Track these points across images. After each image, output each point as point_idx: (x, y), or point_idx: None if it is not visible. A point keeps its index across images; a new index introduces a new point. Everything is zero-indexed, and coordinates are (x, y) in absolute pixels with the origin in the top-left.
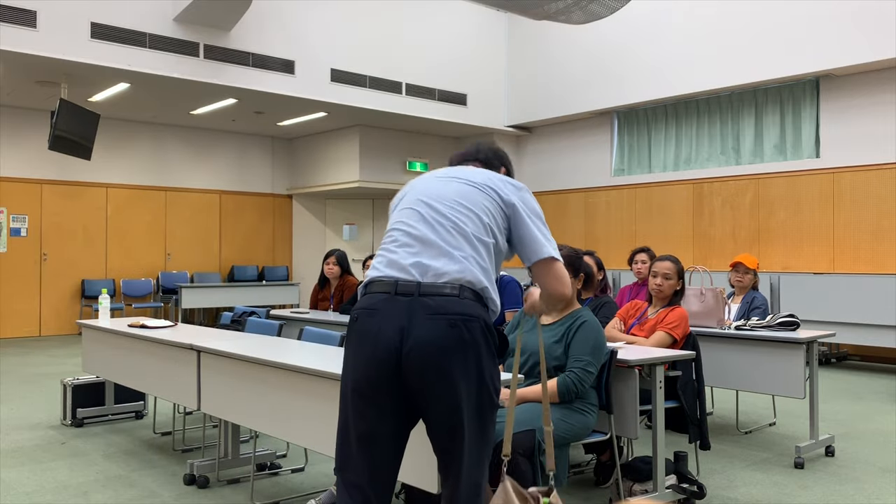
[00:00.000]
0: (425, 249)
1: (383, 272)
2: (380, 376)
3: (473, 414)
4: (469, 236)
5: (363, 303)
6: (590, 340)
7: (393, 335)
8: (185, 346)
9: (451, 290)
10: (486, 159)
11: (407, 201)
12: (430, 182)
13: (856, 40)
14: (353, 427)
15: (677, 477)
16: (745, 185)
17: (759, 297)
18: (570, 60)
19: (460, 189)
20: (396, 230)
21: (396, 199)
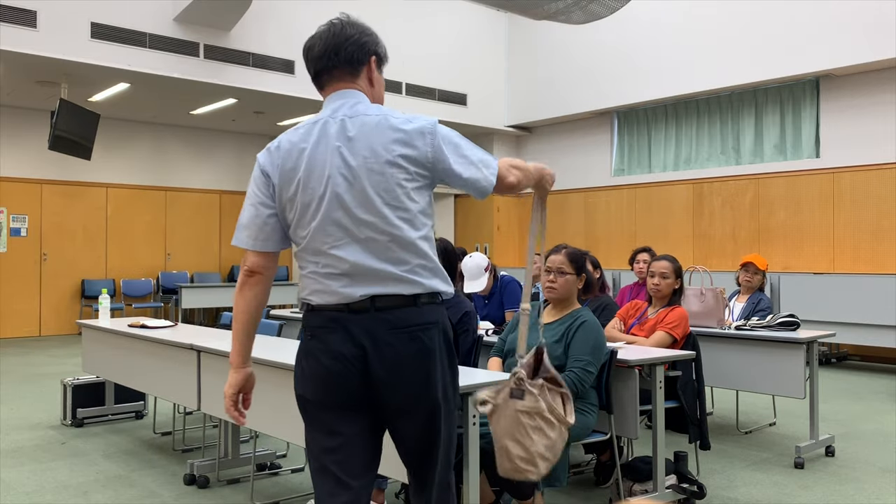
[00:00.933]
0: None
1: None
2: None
3: (444, 423)
4: (406, 242)
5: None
6: (590, 340)
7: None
8: (185, 346)
9: (406, 302)
10: (351, 58)
11: (313, 212)
12: (328, 182)
13: (856, 40)
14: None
15: (677, 477)
16: (745, 185)
17: (765, 299)
18: (570, 60)
19: (367, 181)
20: (321, 257)
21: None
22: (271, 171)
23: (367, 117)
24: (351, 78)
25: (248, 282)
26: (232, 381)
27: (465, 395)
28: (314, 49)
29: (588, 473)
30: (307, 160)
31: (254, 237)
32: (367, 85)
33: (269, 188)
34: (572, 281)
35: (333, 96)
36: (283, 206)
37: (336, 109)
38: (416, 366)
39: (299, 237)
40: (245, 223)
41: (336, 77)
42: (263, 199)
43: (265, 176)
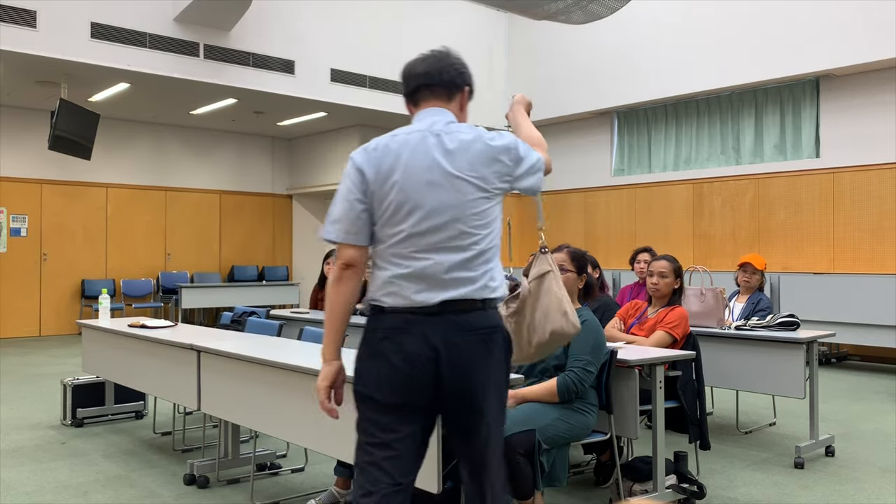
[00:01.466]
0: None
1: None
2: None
3: (500, 422)
4: (484, 251)
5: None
6: (590, 340)
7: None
8: (185, 346)
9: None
10: (451, 82)
11: (404, 214)
12: (425, 195)
13: (856, 40)
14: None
15: (677, 477)
16: (745, 185)
17: (765, 299)
18: (570, 60)
19: (460, 192)
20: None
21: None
22: (367, 170)
23: (462, 134)
24: (446, 99)
25: (345, 275)
26: (325, 374)
27: None
28: (417, 67)
29: (588, 473)
30: (405, 165)
31: (346, 230)
32: (458, 110)
33: (363, 185)
34: (573, 279)
35: (427, 112)
36: (375, 204)
37: (433, 123)
38: (484, 366)
39: (386, 235)
40: (338, 217)
41: (434, 95)
42: (358, 196)
43: (360, 173)
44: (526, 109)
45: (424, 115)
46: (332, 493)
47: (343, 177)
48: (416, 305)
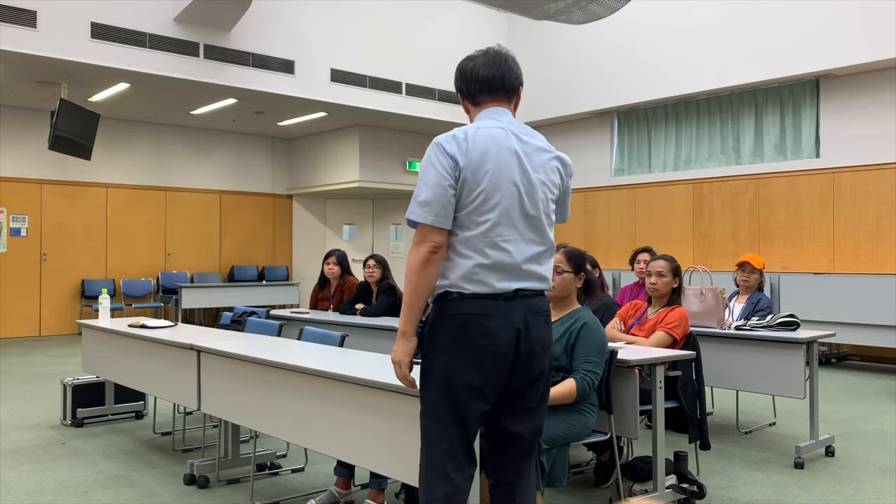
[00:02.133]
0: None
1: None
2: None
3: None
4: (551, 247)
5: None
6: (596, 341)
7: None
8: (185, 346)
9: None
10: (512, 85)
11: (494, 203)
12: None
13: (856, 40)
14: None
15: (677, 477)
16: (745, 185)
17: (764, 299)
18: (570, 60)
19: (538, 190)
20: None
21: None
22: (460, 158)
23: (535, 140)
24: (507, 100)
25: (433, 258)
26: (408, 349)
27: None
28: (480, 71)
29: (588, 473)
30: (494, 157)
31: (437, 214)
32: (514, 109)
33: (455, 171)
34: (570, 279)
35: (493, 111)
36: (464, 192)
37: (509, 123)
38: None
39: (474, 223)
40: (429, 200)
41: (497, 99)
42: (451, 181)
43: (453, 160)
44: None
45: (491, 114)
46: (332, 493)
47: (429, 162)
48: (497, 292)
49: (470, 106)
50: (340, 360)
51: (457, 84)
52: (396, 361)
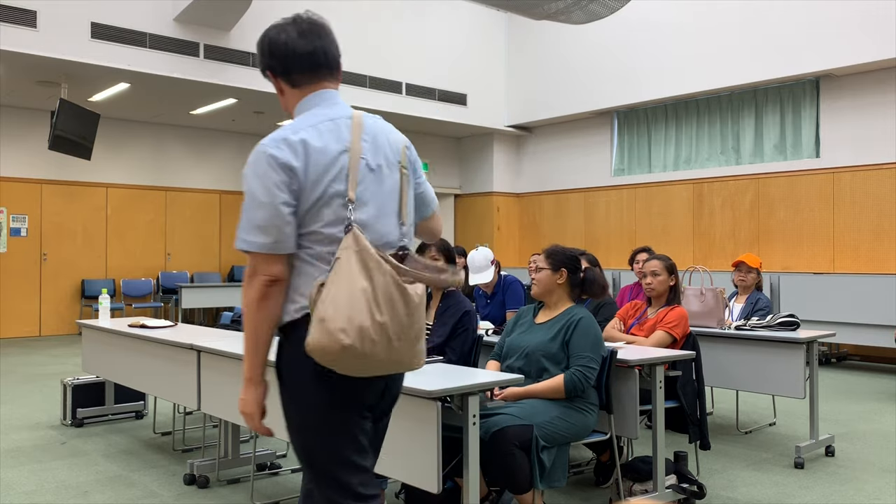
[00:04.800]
0: None
1: None
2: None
3: None
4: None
5: None
6: (590, 337)
7: None
8: (185, 346)
9: None
10: (336, 60)
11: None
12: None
13: (856, 40)
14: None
15: (677, 477)
16: (745, 185)
17: (763, 298)
18: (570, 60)
19: (389, 181)
20: None
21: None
22: (297, 166)
23: (370, 118)
24: (333, 79)
25: (271, 292)
26: (258, 398)
27: (465, 395)
28: (298, 45)
29: (588, 473)
30: (331, 155)
31: (275, 238)
32: (337, 87)
33: (292, 184)
34: (548, 275)
35: (324, 94)
36: (305, 202)
37: (342, 109)
38: None
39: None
40: (262, 225)
41: (321, 77)
42: (285, 198)
43: (288, 171)
44: None
45: (322, 99)
46: None
47: (255, 174)
48: None
49: (286, 87)
50: None
51: (265, 61)
52: (247, 414)
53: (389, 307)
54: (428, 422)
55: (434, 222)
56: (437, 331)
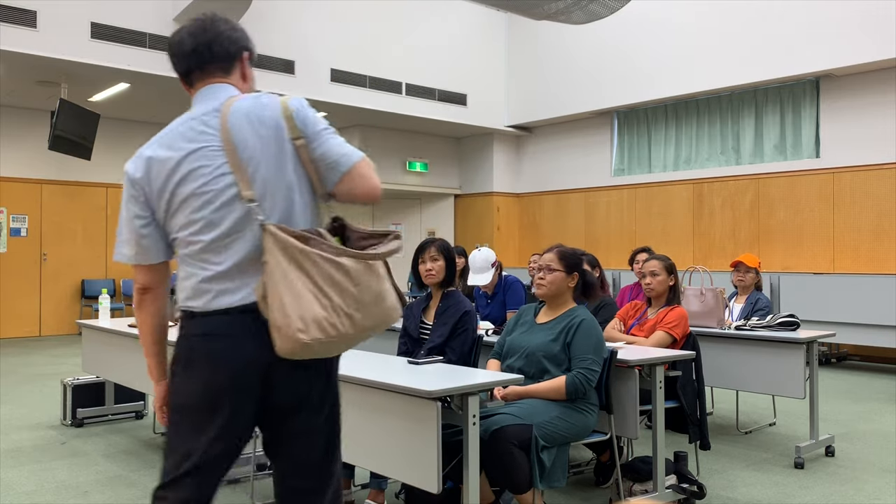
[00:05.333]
0: None
1: None
2: None
3: None
4: None
5: None
6: (592, 339)
7: None
8: None
9: None
10: (225, 53)
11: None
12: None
13: (856, 40)
14: None
15: (677, 477)
16: (745, 185)
17: (763, 298)
18: (570, 60)
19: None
20: None
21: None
22: (139, 178)
23: (245, 100)
24: (223, 74)
25: (143, 299)
26: (161, 394)
27: (465, 395)
28: (184, 44)
29: (588, 473)
30: (175, 160)
31: (135, 251)
32: (241, 81)
33: (139, 197)
34: (561, 278)
35: (206, 91)
36: (159, 211)
37: (214, 102)
38: None
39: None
40: (124, 238)
41: (209, 73)
42: (136, 211)
43: (135, 184)
44: None
45: (205, 96)
46: None
47: (125, 194)
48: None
49: (187, 88)
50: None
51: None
52: (156, 408)
53: (333, 288)
54: (428, 422)
55: (349, 184)
56: (437, 331)
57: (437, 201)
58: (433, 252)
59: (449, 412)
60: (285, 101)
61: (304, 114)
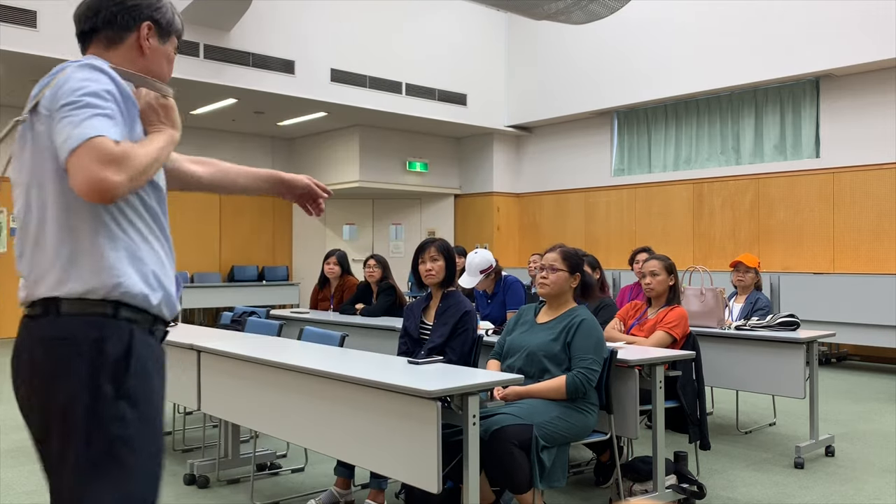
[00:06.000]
0: None
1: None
2: None
3: None
4: None
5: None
6: (592, 338)
7: None
8: (185, 346)
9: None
10: (112, 21)
11: None
12: None
13: (856, 40)
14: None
15: (677, 477)
16: (745, 185)
17: (763, 298)
18: (570, 60)
19: None
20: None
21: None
22: None
23: (59, 69)
24: (109, 44)
25: None
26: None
27: (465, 395)
28: (79, 7)
29: (588, 473)
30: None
31: None
32: (137, 54)
33: None
34: (564, 278)
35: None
36: None
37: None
38: None
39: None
40: None
41: (95, 43)
42: None
43: None
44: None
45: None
46: (332, 493)
47: None
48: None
49: None
50: (340, 360)
51: None
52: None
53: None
54: (428, 422)
55: (70, 173)
56: (437, 330)
57: (437, 201)
58: (433, 252)
59: (449, 412)
60: (69, 69)
61: (60, 86)
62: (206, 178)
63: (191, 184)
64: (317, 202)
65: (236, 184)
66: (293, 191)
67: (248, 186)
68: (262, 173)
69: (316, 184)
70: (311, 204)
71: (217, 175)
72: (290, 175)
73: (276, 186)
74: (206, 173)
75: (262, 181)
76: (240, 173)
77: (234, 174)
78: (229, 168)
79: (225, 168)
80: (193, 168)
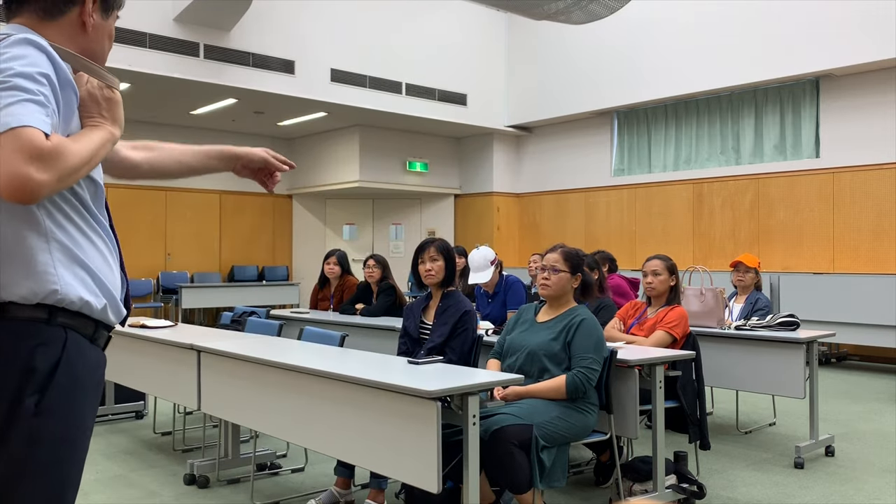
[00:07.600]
0: None
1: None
2: None
3: None
4: None
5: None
6: (592, 338)
7: None
8: (185, 346)
9: None
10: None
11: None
12: None
13: (856, 40)
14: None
15: (677, 477)
16: (745, 185)
17: (763, 298)
18: (570, 60)
19: None
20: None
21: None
22: None
23: None
24: (45, 16)
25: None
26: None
27: (465, 395)
28: None
29: (588, 473)
30: None
31: None
32: (78, 31)
33: None
34: (566, 279)
35: None
36: None
37: None
38: None
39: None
40: None
41: (26, 12)
42: None
43: None
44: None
45: None
46: (332, 493)
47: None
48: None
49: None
50: (340, 360)
51: None
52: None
53: None
54: (428, 422)
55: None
56: (437, 331)
57: (437, 201)
58: (433, 252)
59: (449, 412)
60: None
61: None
62: (145, 164)
63: (127, 172)
64: (273, 176)
65: (182, 164)
66: (249, 165)
67: (195, 166)
68: (212, 150)
69: (273, 156)
70: (268, 178)
71: (157, 158)
72: (245, 149)
73: (229, 162)
74: (144, 159)
75: (213, 158)
76: (184, 152)
77: (178, 154)
78: (173, 148)
79: (168, 148)
80: (130, 154)
